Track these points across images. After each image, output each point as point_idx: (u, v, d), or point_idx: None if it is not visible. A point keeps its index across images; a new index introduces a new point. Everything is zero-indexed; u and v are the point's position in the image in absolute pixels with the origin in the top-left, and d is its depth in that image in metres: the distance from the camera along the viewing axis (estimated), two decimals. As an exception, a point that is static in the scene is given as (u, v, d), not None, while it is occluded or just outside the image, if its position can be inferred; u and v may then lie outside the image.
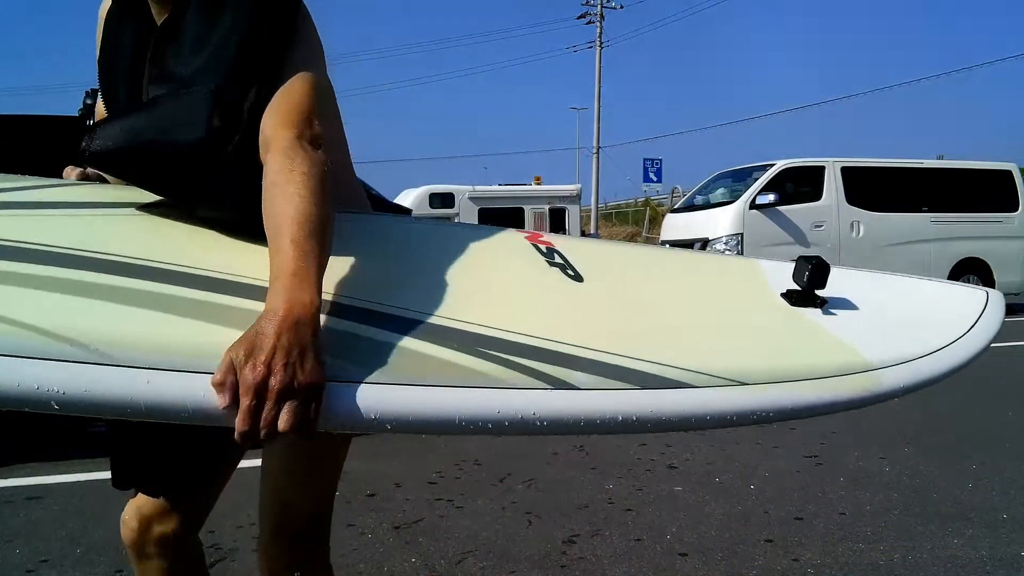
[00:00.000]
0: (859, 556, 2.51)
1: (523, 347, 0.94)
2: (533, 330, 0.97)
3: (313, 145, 0.96)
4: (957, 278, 10.66)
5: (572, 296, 1.08)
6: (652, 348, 0.98)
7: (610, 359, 0.95)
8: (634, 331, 1.03)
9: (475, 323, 0.95)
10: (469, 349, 0.91)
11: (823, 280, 1.13)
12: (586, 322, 1.02)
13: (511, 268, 1.13)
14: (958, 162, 11.40)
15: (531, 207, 21.66)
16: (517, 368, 0.91)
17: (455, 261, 1.09)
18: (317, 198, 0.90)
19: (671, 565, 2.46)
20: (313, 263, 0.85)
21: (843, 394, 1.02)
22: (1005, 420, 4.42)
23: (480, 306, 0.99)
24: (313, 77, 1.05)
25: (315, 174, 0.92)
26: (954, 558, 2.48)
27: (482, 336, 0.94)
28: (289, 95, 1.01)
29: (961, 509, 2.93)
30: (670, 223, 11.29)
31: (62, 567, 2.49)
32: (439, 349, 0.91)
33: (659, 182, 30.38)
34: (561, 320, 1.01)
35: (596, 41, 31.50)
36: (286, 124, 0.97)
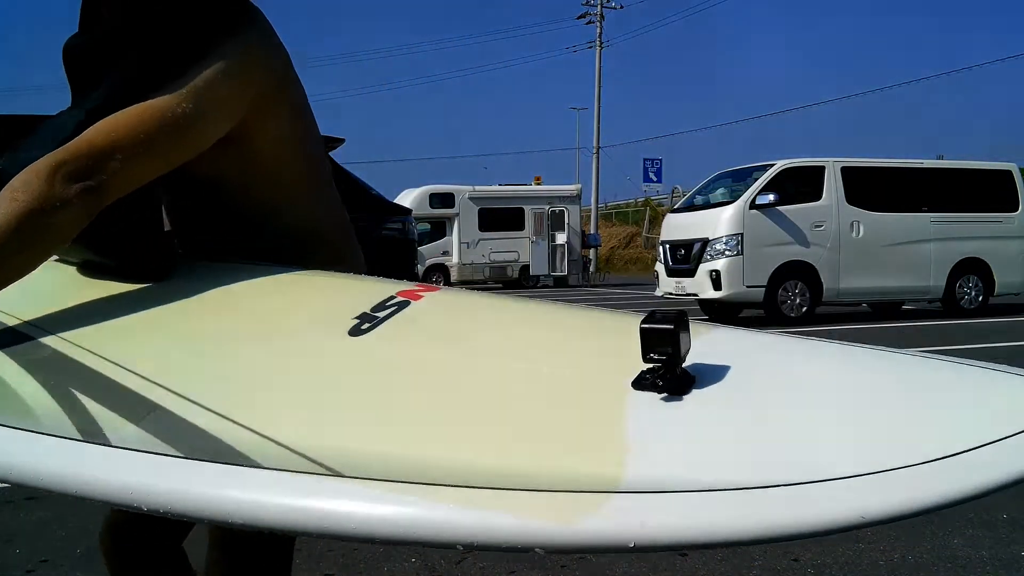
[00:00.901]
0: (859, 556, 2.51)
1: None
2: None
3: (65, 179, 0.91)
4: (957, 278, 10.68)
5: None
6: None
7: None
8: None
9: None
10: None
11: (670, 350, 0.71)
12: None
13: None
14: (958, 162, 11.40)
15: (531, 207, 21.69)
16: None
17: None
18: (5, 232, 0.88)
19: (671, 565, 2.46)
20: None
21: (533, 531, 0.64)
22: (1005, 420, 4.41)
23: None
24: (150, 109, 0.99)
25: (22, 209, 0.89)
26: (954, 558, 2.48)
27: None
28: (113, 123, 0.98)
29: (961, 509, 2.93)
30: (670, 223, 11.29)
31: (62, 567, 2.49)
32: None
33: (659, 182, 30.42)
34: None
35: (596, 41, 31.51)
36: (66, 148, 0.94)
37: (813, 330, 9.23)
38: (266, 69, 1.12)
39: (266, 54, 1.12)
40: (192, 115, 1.01)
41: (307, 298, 1.05)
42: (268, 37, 1.14)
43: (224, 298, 1.04)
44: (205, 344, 0.96)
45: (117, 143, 0.95)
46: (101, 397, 0.85)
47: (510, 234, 21.30)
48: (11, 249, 0.89)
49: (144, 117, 0.98)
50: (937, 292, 10.63)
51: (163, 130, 0.99)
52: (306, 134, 1.22)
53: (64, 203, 0.91)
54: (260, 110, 1.11)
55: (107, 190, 0.95)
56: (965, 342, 7.90)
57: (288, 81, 1.17)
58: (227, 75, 1.05)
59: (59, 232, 0.93)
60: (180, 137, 1.01)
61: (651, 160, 30.13)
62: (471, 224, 20.91)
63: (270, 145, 1.15)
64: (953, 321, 10.17)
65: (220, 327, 1.00)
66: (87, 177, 0.93)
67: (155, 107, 0.99)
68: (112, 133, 0.96)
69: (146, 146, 0.97)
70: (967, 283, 10.78)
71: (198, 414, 0.79)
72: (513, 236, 21.34)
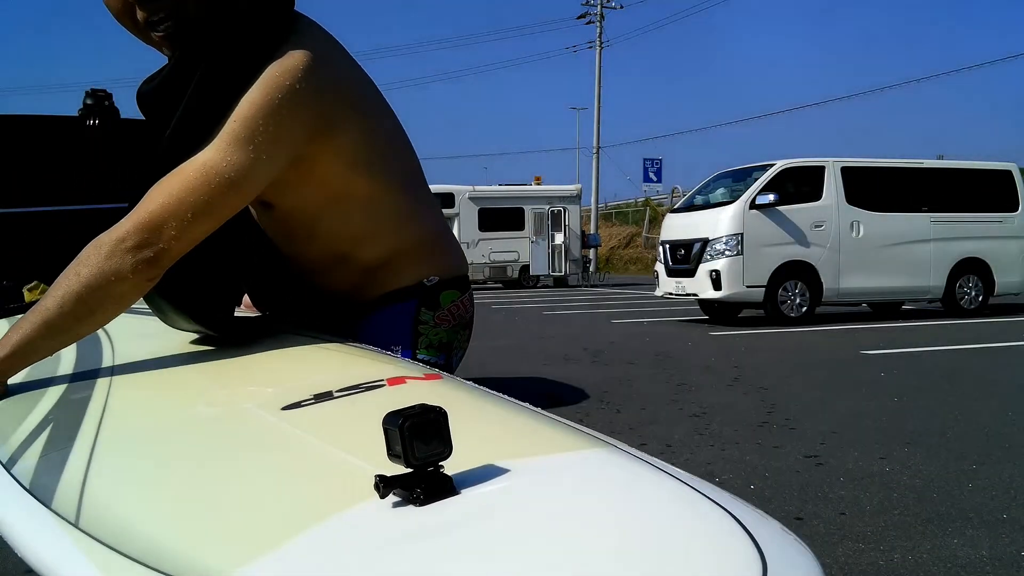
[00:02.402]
0: (859, 556, 2.51)
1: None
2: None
3: (124, 254, 0.98)
4: (957, 278, 10.68)
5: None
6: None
7: None
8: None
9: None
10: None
11: (437, 446, 0.60)
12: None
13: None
14: (958, 162, 11.40)
15: (531, 207, 21.69)
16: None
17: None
18: (66, 306, 0.97)
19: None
20: (14, 348, 0.98)
21: None
22: (1005, 420, 4.42)
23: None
24: (197, 172, 1.00)
25: (84, 283, 0.97)
26: (954, 558, 2.48)
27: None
28: (164, 191, 1.00)
29: (961, 509, 2.93)
30: (670, 223, 11.28)
31: (62, 567, 2.49)
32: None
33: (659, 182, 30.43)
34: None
35: (596, 41, 31.49)
36: (127, 219, 1.00)
37: (813, 330, 9.24)
38: (317, 96, 1.04)
39: (316, 78, 1.03)
40: (238, 166, 1.00)
41: (300, 369, 1.04)
42: (321, 57, 1.05)
43: (223, 361, 1.08)
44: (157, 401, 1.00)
45: (171, 212, 0.98)
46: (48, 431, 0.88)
47: (510, 234, 21.30)
48: (73, 318, 0.98)
49: (194, 180, 0.99)
50: (937, 292, 10.64)
51: (211, 190, 0.99)
52: (378, 141, 1.15)
53: (123, 277, 0.98)
54: (317, 139, 1.06)
55: (164, 259, 1.00)
56: (965, 342, 7.91)
57: (350, 92, 1.10)
58: (271, 114, 1.01)
59: (119, 303, 1.00)
60: (229, 193, 1.01)
61: (651, 160, 30.14)
62: (471, 224, 20.91)
63: (330, 171, 1.10)
64: (953, 321, 10.17)
65: (190, 385, 1.03)
66: (145, 249, 0.98)
67: (201, 167, 1.00)
68: (165, 203, 0.99)
69: (197, 210, 0.99)
70: (967, 283, 10.78)
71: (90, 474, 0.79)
72: (513, 236, 21.34)
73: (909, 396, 5.15)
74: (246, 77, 1.01)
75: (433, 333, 1.24)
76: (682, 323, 10.63)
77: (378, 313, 1.23)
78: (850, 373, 6.13)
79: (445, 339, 1.25)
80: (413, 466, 0.59)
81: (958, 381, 5.71)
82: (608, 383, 5.79)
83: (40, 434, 0.90)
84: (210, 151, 1.00)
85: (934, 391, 5.33)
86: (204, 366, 1.08)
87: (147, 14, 1.04)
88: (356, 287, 1.24)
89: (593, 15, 31.60)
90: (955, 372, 6.11)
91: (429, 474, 0.60)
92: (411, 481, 0.60)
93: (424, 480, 0.60)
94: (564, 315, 12.42)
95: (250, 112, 1.00)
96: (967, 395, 5.16)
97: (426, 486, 0.59)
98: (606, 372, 6.34)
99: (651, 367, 6.60)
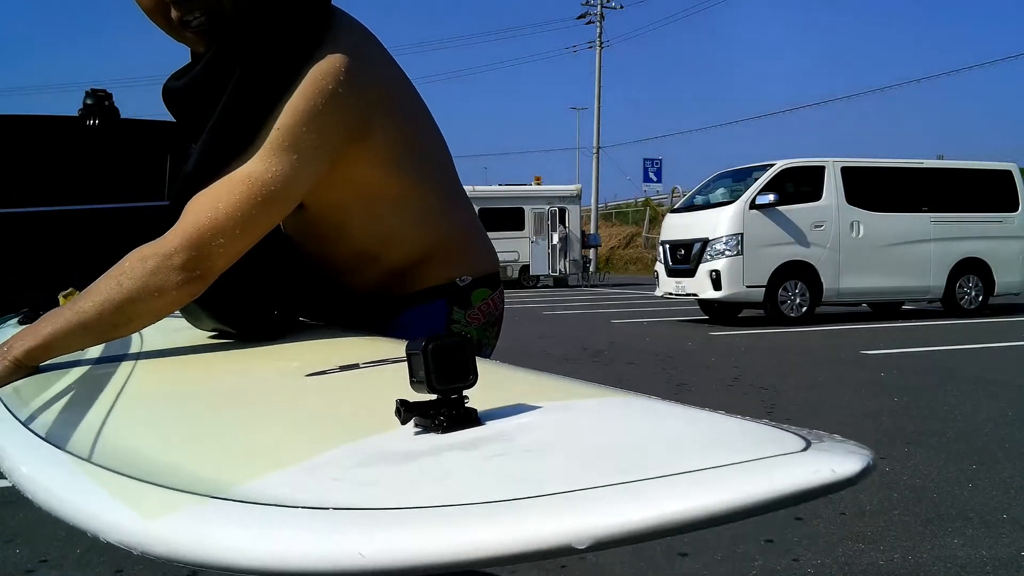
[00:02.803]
0: (859, 556, 2.51)
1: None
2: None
3: (170, 270, 0.97)
4: (957, 278, 10.68)
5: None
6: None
7: None
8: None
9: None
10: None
11: (461, 372, 0.58)
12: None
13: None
14: (958, 162, 11.40)
15: (531, 207, 21.69)
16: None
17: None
18: (104, 312, 0.98)
19: (671, 565, 2.46)
20: (44, 339, 1.00)
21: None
22: (1005, 420, 4.42)
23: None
24: (243, 183, 0.99)
25: (126, 294, 0.97)
26: (954, 558, 2.48)
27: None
28: (210, 205, 0.99)
29: (961, 509, 2.93)
30: (670, 223, 11.28)
31: (62, 567, 2.49)
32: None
33: (659, 182, 30.43)
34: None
35: (596, 41, 31.50)
36: (174, 234, 0.99)
37: (813, 330, 9.24)
38: (356, 97, 1.02)
39: (355, 79, 1.01)
40: (283, 177, 0.99)
41: (326, 349, 1.05)
42: (359, 56, 1.03)
43: (258, 349, 1.09)
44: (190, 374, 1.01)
45: (219, 228, 0.98)
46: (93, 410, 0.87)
47: (510, 234, 21.29)
48: (111, 325, 0.99)
49: (239, 194, 0.98)
50: (937, 292, 10.64)
51: (257, 203, 0.99)
52: (412, 139, 1.13)
53: (167, 292, 0.98)
54: (353, 140, 1.04)
55: (210, 276, 1.00)
56: (965, 342, 7.91)
57: (387, 91, 1.08)
58: (312, 121, 0.99)
59: (158, 315, 1.01)
60: (275, 205, 1.00)
61: (651, 160, 30.14)
62: (471, 224, 20.87)
63: (364, 171, 1.08)
64: (953, 321, 10.17)
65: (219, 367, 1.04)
66: (192, 267, 0.97)
67: (246, 179, 0.99)
68: (213, 218, 0.98)
69: (245, 225, 0.99)
70: (967, 283, 10.78)
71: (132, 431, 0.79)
72: (513, 236, 21.33)
73: (909, 396, 5.15)
74: (286, 78, 0.99)
75: (465, 332, 1.22)
76: (682, 323, 10.63)
77: (409, 311, 1.21)
78: (850, 373, 6.13)
79: (476, 336, 1.24)
80: (437, 391, 0.57)
81: (958, 381, 5.71)
82: (608, 383, 5.73)
83: (61, 399, 0.90)
84: (255, 162, 0.99)
85: (934, 391, 5.33)
86: (229, 351, 1.10)
87: (182, 13, 1.02)
88: (386, 287, 1.22)
89: (593, 15, 31.61)
90: (955, 372, 6.11)
91: (453, 401, 0.57)
92: (434, 407, 0.57)
93: (448, 406, 0.57)
94: (564, 315, 12.42)
95: (293, 120, 0.99)
96: (967, 395, 5.16)
97: (449, 413, 0.57)
98: (606, 372, 6.34)
99: (651, 367, 6.60)
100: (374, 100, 1.05)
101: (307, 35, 1.01)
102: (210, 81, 1.03)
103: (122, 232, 4.07)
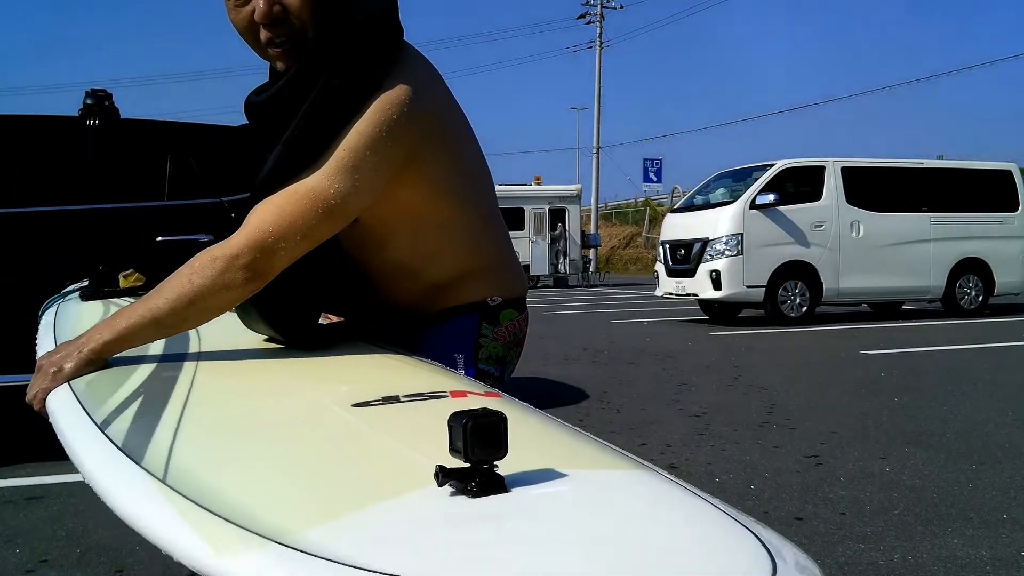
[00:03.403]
0: (859, 556, 2.51)
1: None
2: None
3: (236, 270, 1.08)
4: (957, 278, 10.68)
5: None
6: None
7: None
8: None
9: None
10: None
11: (494, 446, 0.65)
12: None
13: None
14: (958, 162, 11.41)
15: (531, 207, 21.69)
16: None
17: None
18: (176, 307, 1.08)
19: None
20: (120, 333, 1.09)
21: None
22: (1005, 420, 4.42)
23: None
24: (307, 196, 1.09)
25: (196, 290, 1.08)
26: (954, 558, 2.48)
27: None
28: (276, 212, 1.09)
29: (961, 509, 2.93)
30: (670, 223, 11.29)
31: (62, 567, 2.49)
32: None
33: (659, 182, 30.43)
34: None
35: (596, 41, 31.49)
36: (241, 237, 1.09)
37: (813, 330, 9.24)
38: (416, 127, 1.13)
39: (417, 110, 1.12)
40: (343, 194, 1.09)
41: (369, 374, 1.14)
42: (422, 89, 1.14)
43: (304, 362, 1.18)
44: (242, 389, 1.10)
45: (282, 234, 1.08)
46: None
47: (510, 234, 21.29)
48: (181, 319, 1.10)
49: (303, 205, 1.09)
50: (937, 292, 10.64)
51: (318, 215, 1.09)
52: (462, 169, 1.23)
53: (232, 289, 1.08)
54: (409, 166, 1.14)
55: (270, 275, 1.10)
56: (965, 342, 7.91)
57: (444, 122, 1.19)
58: (375, 146, 1.09)
59: (222, 310, 1.12)
60: (333, 218, 1.11)
61: (651, 160, 30.14)
62: (471, 224, 20.87)
63: (415, 195, 1.18)
64: (953, 321, 10.17)
65: (267, 381, 1.13)
66: (256, 267, 1.08)
67: (310, 192, 1.09)
68: (277, 224, 1.08)
69: (304, 232, 1.09)
70: (967, 283, 10.78)
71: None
72: (513, 236, 21.15)
73: (909, 396, 5.15)
74: (356, 103, 1.10)
75: (492, 346, 1.31)
76: (682, 323, 10.63)
77: (442, 325, 1.30)
78: (850, 373, 6.13)
79: (501, 353, 1.33)
80: (471, 462, 0.64)
81: (958, 381, 5.71)
82: (608, 383, 5.80)
83: (132, 403, 0.98)
84: (320, 177, 1.09)
85: (934, 391, 5.33)
86: (281, 362, 1.19)
87: (271, 35, 1.13)
88: (420, 302, 1.30)
89: (593, 15, 31.60)
90: (955, 372, 6.11)
91: (484, 470, 0.65)
92: (467, 475, 0.65)
93: (480, 475, 0.65)
94: (564, 315, 12.43)
95: (358, 143, 1.09)
96: (967, 395, 5.16)
97: (480, 481, 0.65)
98: (606, 372, 6.34)
99: (651, 367, 6.60)
100: (430, 131, 1.15)
101: (378, 65, 1.12)
102: (287, 99, 1.14)
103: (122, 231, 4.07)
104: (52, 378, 1.07)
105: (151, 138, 4.30)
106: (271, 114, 1.17)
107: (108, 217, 4.05)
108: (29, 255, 3.92)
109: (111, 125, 4.15)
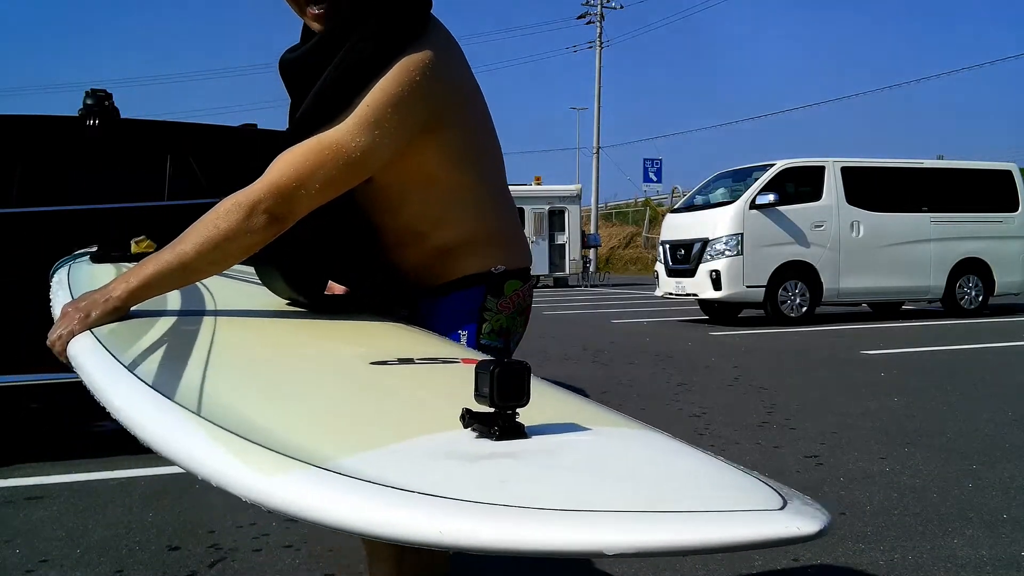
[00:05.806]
0: (859, 556, 2.51)
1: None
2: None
3: (259, 214, 1.13)
4: (957, 278, 10.68)
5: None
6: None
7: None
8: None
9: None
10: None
11: (517, 394, 0.70)
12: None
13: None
14: (958, 162, 11.40)
15: (531, 207, 21.68)
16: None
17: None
18: (203, 250, 1.13)
19: (671, 564, 2.46)
20: (147, 279, 1.14)
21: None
22: (1005, 420, 4.42)
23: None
24: (328, 148, 1.14)
25: (222, 234, 1.13)
26: (954, 558, 2.48)
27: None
28: (298, 161, 1.14)
29: (961, 509, 2.93)
30: (670, 223, 11.29)
31: (62, 567, 2.49)
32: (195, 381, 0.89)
33: (659, 182, 30.40)
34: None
35: (596, 41, 31.48)
36: (263, 183, 1.15)
37: (813, 330, 9.24)
38: (437, 92, 1.18)
39: (439, 76, 1.17)
40: (364, 148, 1.14)
41: (383, 339, 1.20)
42: (444, 57, 1.19)
43: (327, 324, 1.25)
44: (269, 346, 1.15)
45: (302, 181, 1.14)
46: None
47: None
48: (207, 261, 1.15)
49: (324, 155, 1.14)
50: (937, 292, 10.64)
51: (338, 166, 1.14)
52: (476, 139, 1.28)
53: (256, 232, 1.14)
54: (428, 130, 1.19)
55: (290, 220, 1.16)
56: (965, 342, 7.91)
57: (462, 93, 1.24)
58: (398, 104, 1.14)
59: (245, 252, 1.17)
60: (353, 170, 1.16)
61: (651, 160, 30.12)
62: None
63: (431, 159, 1.23)
64: (953, 321, 10.17)
65: (294, 338, 1.19)
66: (277, 212, 1.14)
67: (332, 144, 1.14)
68: (298, 171, 1.14)
69: (324, 183, 1.14)
70: (967, 283, 10.78)
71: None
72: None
73: (909, 396, 5.15)
74: (381, 63, 1.15)
75: (495, 320, 1.34)
76: (682, 323, 10.63)
77: (448, 297, 1.34)
78: (850, 373, 6.13)
79: (505, 324, 1.36)
80: (496, 406, 0.69)
81: (958, 381, 5.71)
82: (608, 383, 5.80)
83: (158, 349, 1.01)
84: (341, 130, 1.14)
85: (934, 391, 5.33)
86: (296, 322, 1.26)
87: (310, 1, 1.20)
88: (428, 267, 1.34)
89: (593, 15, 31.59)
90: (955, 372, 6.11)
91: (508, 416, 0.70)
92: (491, 419, 0.70)
93: (503, 419, 0.70)
94: (564, 315, 12.43)
95: (381, 100, 1.14)
96: (967, 395, 5.16)
97: (503, 425, 0.70)
98: (606, 372, 6.34)
99: (651, 367, 6.60)
100: (450, 98, 1.21)
101: (405, 31, 1.17)
102: (318, 56, 1.19)
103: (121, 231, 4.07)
104: (79, 322, 1.10)
105: (151, 138, 4.30)
106: (301, 71, 1.22)
107: (108, 217, 4.05)
108: (29, 255, 3.92)
109: (111, 125, 4.15)
